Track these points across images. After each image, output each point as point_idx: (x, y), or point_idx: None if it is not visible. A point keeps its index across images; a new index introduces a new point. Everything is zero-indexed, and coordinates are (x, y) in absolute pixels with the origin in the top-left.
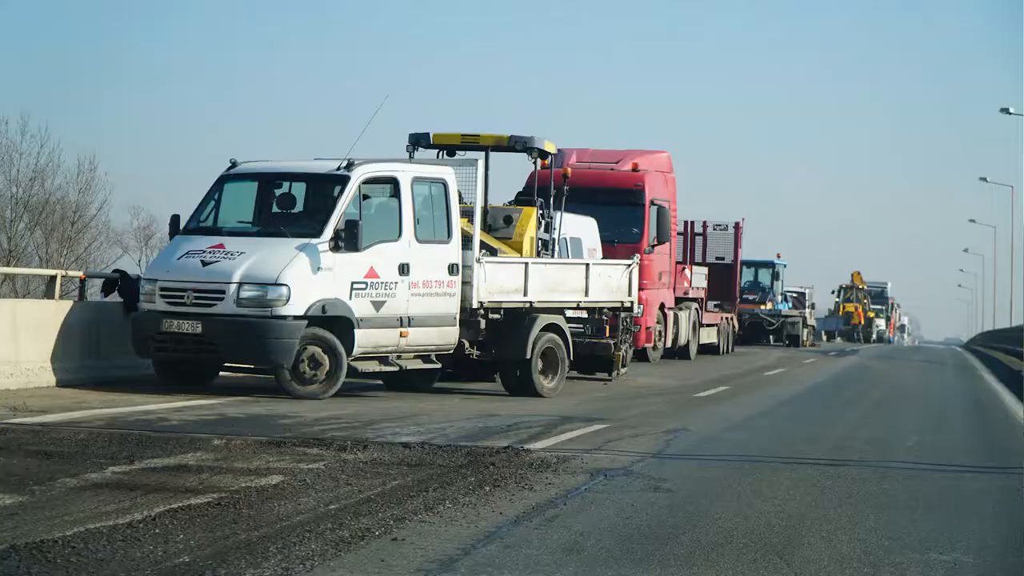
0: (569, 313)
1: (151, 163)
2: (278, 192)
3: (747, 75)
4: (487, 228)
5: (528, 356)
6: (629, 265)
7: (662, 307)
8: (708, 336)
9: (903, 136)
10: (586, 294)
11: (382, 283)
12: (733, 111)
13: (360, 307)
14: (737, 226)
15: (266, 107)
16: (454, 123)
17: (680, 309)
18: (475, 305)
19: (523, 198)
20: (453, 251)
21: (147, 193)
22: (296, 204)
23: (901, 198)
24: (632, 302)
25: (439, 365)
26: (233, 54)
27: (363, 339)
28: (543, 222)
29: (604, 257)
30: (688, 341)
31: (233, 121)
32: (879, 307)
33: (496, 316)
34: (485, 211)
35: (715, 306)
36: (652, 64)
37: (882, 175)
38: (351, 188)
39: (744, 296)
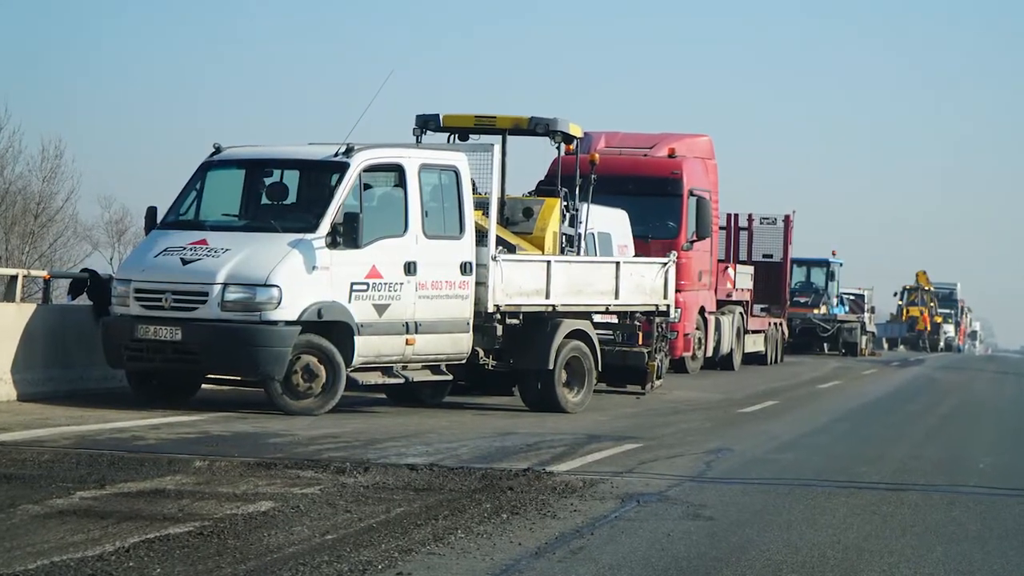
0: (597, 318)
1: (125, 149)
2: (268, 181)
3: (794, 52)
4: (504, 222)
5: (551, 366)
6: (665, 264)
7: (702, 311)
8: (754, 344)
9: (973, 118)
10: (616, 296)
11: (385, 284)
12: (779, 91)
13: (361, 311)
14: (787, 219)
15: (256, 88)
16: (467, 105)
17: (722, 313)
18: (491, 309)
19: (545, 188)
20: (466, 248)
21: (120, 183)
22: (288, 195)
23: (972, 188)
24: (668, 305)
25: (450, 376)
26: (218, 30)
27: (364, 347)
28: (567, 215)
29: (636, 254)
30: (731, 349)
31: (217, 102)
32: (947, 311)
33: (514, 321)
34: (502, 202)
35: (762, 310)
36: (689, 40)
37: (950, 162)
38: (350, 176)
39: (795, 299)
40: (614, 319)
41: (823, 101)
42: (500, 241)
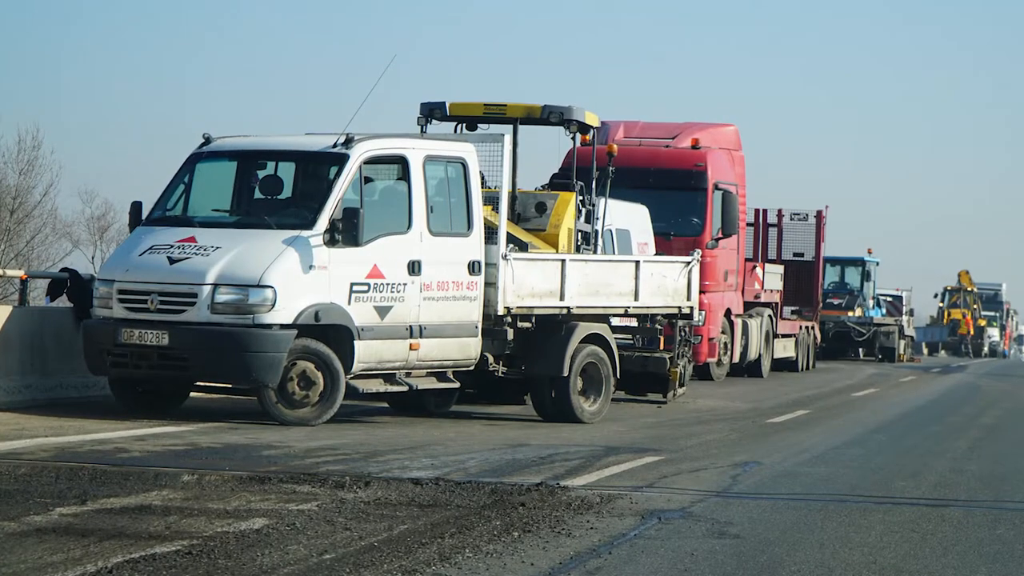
0: (615, 321)
1: (107, 139)
2: (261, 174)
3: (827, 34)
4: (515, 218)
5: (565, 373)
6: (688, 263)
7: (728, 314)
8: (784, 349)
9: (1015, 107)
10: (636, 298)
11: (388, 284)
12: (811, 77)
13: (361, 314)
14: (819, 215)
15: (249, 74)
16: (475, 92)
17: (750, 316)
18: (501, 311)
19: (559, 181)
20: (474, 246)
21: (102, 176)
22: (283, 188)
23: (1019, 182)
24: (691, 308)
25: (457, 384)
26: (208, 12)
27: (365, 352)
28: (583, 210)
29: (658, 253)
30: (759, 355)
31: (208, 90)
32: (992, 314)
33: (526, 325)
34: (513, 197)
35: (792, 312)
36: (713, 23)
37: (995, 154)
38: (350, 169)
39: (828, 300)
40: (634, 322)
41: (859, 88)
42: (511, 238)
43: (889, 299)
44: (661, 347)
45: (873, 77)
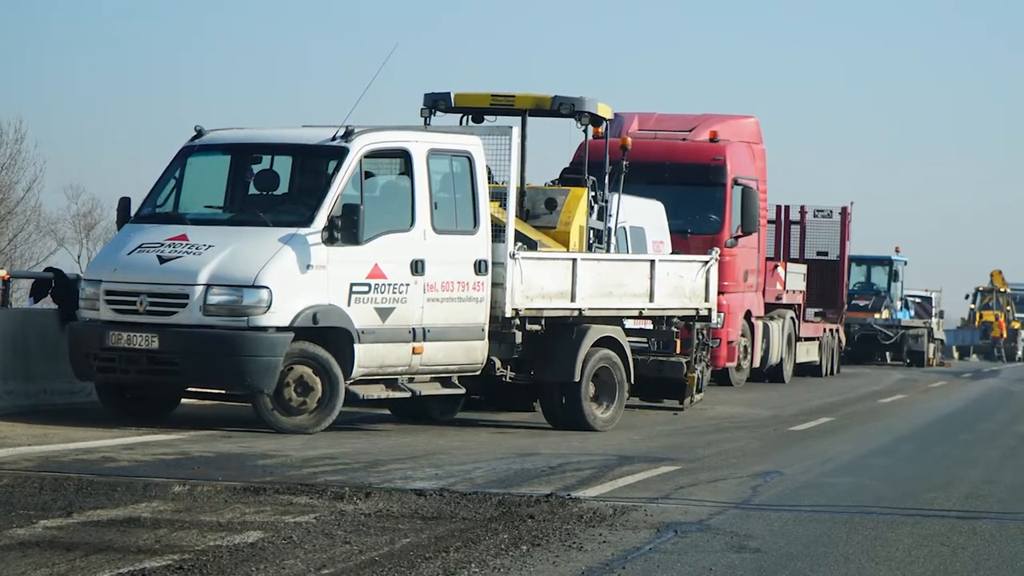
0: (629, 324)
1: (94, 133)
2: (256, 168)
3: (850, 19)
4: (524, 214)
5: (577, 378)
6: (706, 262)
7: (748, 316)
8: (807, 353)
9: None
10: (651, 299)
11: (389, 285)
12: (834, 66)
13: (361, 316)
14: (844, 212)
15: (243, 63)
16: (482, 82)
17: (771, 318)
18: (509, 313)
19: (570, 176)
20: (480, 244)
21: (89, 171)
22: (279, 184)
23: None
24: (710, 309)
25: (463, 390)
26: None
27: (365, 357)
28: (595, 207)
29: (674, 251)
30: (781, 359)
31: (200, 80)
32: None
33: (535, 327)
34: (521, 193)
35: (816, 314)
36: (732, 8)
37: None
38: (350, 163)
39: (853, 302)
40: (648, 325)
41: (885, 79)
42: (519, 236)
43: (918, 300)
44: (677, 351)
45: (900, 67)
